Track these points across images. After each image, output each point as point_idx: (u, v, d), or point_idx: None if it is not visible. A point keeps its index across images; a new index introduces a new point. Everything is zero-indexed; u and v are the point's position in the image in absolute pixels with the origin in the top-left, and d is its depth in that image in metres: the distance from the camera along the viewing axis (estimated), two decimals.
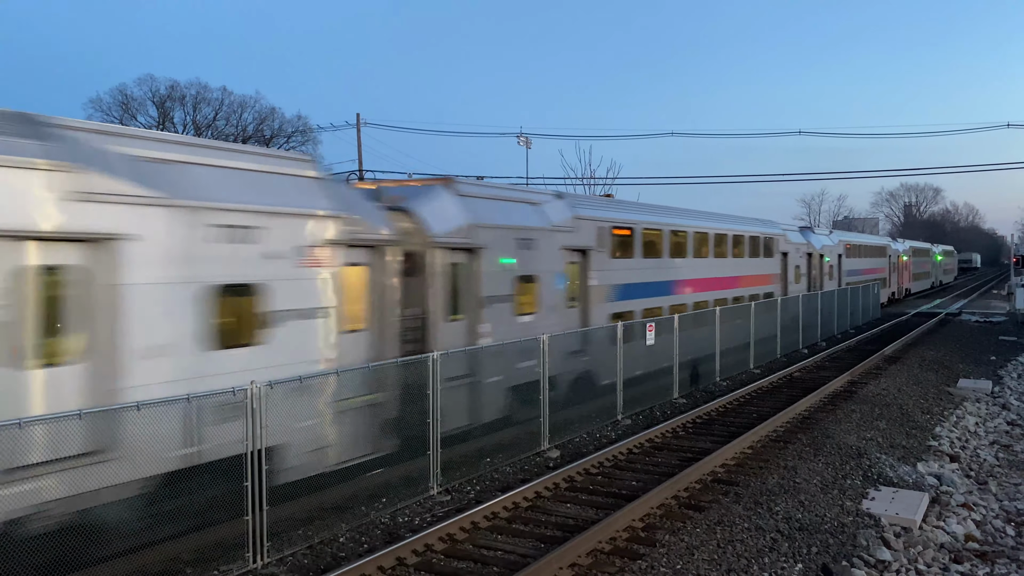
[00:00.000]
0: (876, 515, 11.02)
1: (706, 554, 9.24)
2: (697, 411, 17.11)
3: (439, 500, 11.47)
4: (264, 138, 70.72)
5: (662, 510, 10.80)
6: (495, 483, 12.35)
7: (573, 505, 11.20)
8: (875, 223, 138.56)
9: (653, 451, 14.22)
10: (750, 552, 9.40)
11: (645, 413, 17.63)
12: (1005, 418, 19.22)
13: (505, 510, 10.71)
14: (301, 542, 9.67)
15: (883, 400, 18.78)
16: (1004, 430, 18.20)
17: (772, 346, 26.47)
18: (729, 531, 9.93)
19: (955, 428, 17.34)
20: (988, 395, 21.45)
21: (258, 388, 9.22)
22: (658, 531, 9.98)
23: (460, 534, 9.84)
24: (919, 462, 14.18)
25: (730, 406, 18.27)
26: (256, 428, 9.15)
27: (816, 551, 9.62)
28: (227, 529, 9.30)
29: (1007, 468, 15.08)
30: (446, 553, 9.39)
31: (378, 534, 10.13)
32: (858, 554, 9.76)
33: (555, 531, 10.10)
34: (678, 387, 19.48)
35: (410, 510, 11.04)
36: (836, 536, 10.17)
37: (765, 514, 10.60)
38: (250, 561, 9.01)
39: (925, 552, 10.26)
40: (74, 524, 8.13)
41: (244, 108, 70.64)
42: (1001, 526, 11.79)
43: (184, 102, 69.94)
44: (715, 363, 21.92)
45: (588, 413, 16.53)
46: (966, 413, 18.96)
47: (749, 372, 23.70)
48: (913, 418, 17.47)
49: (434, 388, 11.78)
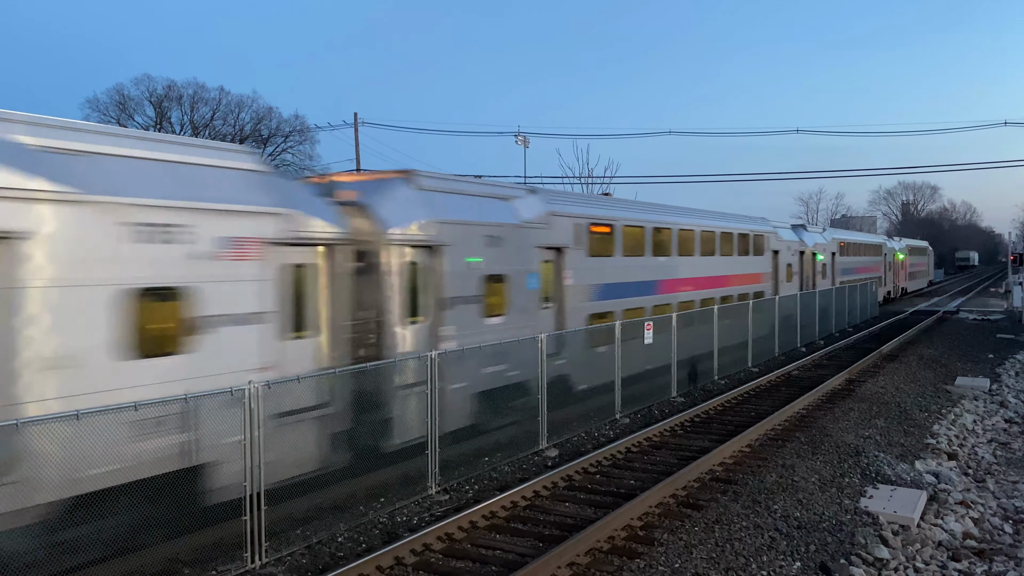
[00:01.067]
0: (874, 513, 11.03)
1: (704, 553, 9.24)
2: (695, 409, 17.11)
3: (438, 499, 11.46)
4: (261, 138, 70.69)
5: (660, 509, 10.80)
6: (494, 482, 12.35)
7: (572, 504, 11.19)
8: (873, 221, 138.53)
9: (651, 450, 14.23)
10: (748, 550, 9.40)
11: (643, 412, 17.63)
12: (1003, 416, 19.24)
13: (504, 509, 10.71)
14: (299, 542, 9.66)
15: (881, 398, 18.79)
16: (1002, 428, 18.22)
17: (770, 344, 26.47)
18: (728, 530, 9.94)
19: (953, 426, 17.35)
20: (986, 393, 21.47)
21: (256, 387, 9.22)
22: (656, 530, 9.97)
23: (459, 533, 9.84)
24: (917, 460, 14.19)
25: (728, 404, 18.28)
26: (254, 429, 9.15)
27: (814, 549, 9.63)
28: (225, 529, 9.29)
29: (1005, 466, 15.10)
30: (445, 553, 9.38)
31: (376, 534, 10.12)
32: (856, 552, 9.76)
33: (554, 530, 10.09)
34: (676, 385, 19.49)
35: (408, 510, 11.03)
36: (834, 534, 10.18)
37: (763, 512, 10.61)
38: (248, 561, 9.00)
39: (923, 550, 10.27)
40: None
41: (241, 108, 70.53)
42: (999, 524, 11.80)
43: (181, 102, 69.83)
44: (713, 361, 21.93)
45: (586, 412, 16.52)
46: (964, 411, 18.97)
47: (747, 370, 23.70)
48: (911, 416, 17.49)
49: (431, 387, 11.77)
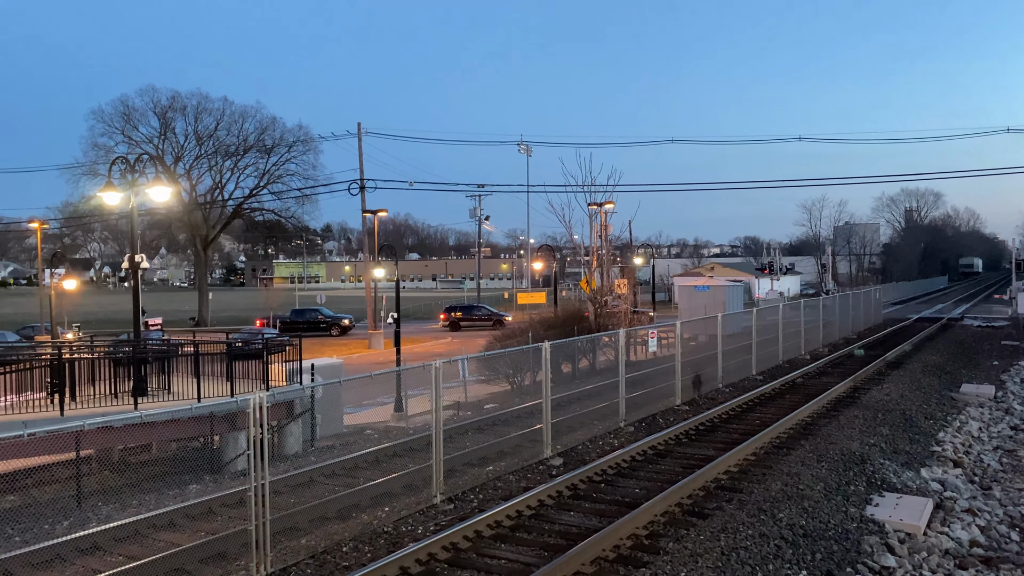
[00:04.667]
0: (880, 521, 10.99)
1: (710, 561, 9.21)
2: (700, 417, 17.08)
3: (442, 508, 11.44)
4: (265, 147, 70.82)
5: (666, 517, 10.77)
6: (498, 491, 12.33)
7: (576, 513, 11.17)
8: (876, 228, 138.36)
9: (656, 458, 14.19)
10: (754, 559, 9.37)
11: (648, 420, 17.60)
12: (1008, 423, 19.17)
13: (508, 518, 10.68)
14: (304, 552, 9.65)
15: (886, 405, 18.74)
16: (1008, 435, 18.15)
17: (773, 349, 26.44)
18: (733, 538, 9.90)
19: (958, 433, 17.29)
20: (991, 400, 21.39)
21: (261, 397, 9.24)
22: (662, 539, 9.95)
23: (463, 543, 9.81)
24: (923, 467, 14.14)
25: (733, 412, 18.24)
26: (259, 439, 9.16)
27: (820, 558, 9.60)
28: (231, 540, 9.29)
29: (1011, 473, 15.03)
30: (449, 562, 9.36)
31: (381, 543, 10.11)
32: (862, 560, 9.73)
33: (559, 539, 10.07)
34: (681, 393, 19.46)
35: (413, 519, 11.01)
36: (840, 542, 10.14)
37: (769, 521, 10.57)
38: (254, 571, 8.99)
39: (930, 558, 10.23)
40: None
41: (245, 118, 70.85)
42: (1006, 531, 11.74)
43: (185, 112, 70.16)
44: (717, 368, 21.90)
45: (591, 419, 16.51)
46: (969, 418, 18.91)
47: (751, 378, 23.66)
48: (916, 423, 17.43)
49: (436, 396, 11.78)
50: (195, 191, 70.96)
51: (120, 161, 20.66)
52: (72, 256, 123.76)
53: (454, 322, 59.45)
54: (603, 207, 30.97)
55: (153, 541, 11.03)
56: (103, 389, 16.51)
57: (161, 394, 17.05)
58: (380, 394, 24.79)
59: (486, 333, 39.92)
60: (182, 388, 16.90)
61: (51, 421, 13.22)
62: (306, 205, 72.62)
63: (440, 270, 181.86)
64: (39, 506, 13.08)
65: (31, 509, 12.83)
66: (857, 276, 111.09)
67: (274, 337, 26.66)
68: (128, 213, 21.22)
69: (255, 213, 77.56)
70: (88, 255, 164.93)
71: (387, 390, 24.14)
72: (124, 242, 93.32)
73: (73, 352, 19.26)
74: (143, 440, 16.17)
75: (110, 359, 17.70)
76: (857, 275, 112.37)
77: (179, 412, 12.31)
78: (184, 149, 70.63)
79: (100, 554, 10.58)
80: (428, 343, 47.40)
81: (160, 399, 16.73)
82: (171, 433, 16.03)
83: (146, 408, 15.13)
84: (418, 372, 13.86)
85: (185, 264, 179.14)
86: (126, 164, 20.29)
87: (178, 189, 63.87)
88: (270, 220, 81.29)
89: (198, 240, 70.92)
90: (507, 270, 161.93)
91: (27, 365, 16.72)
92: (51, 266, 48.43)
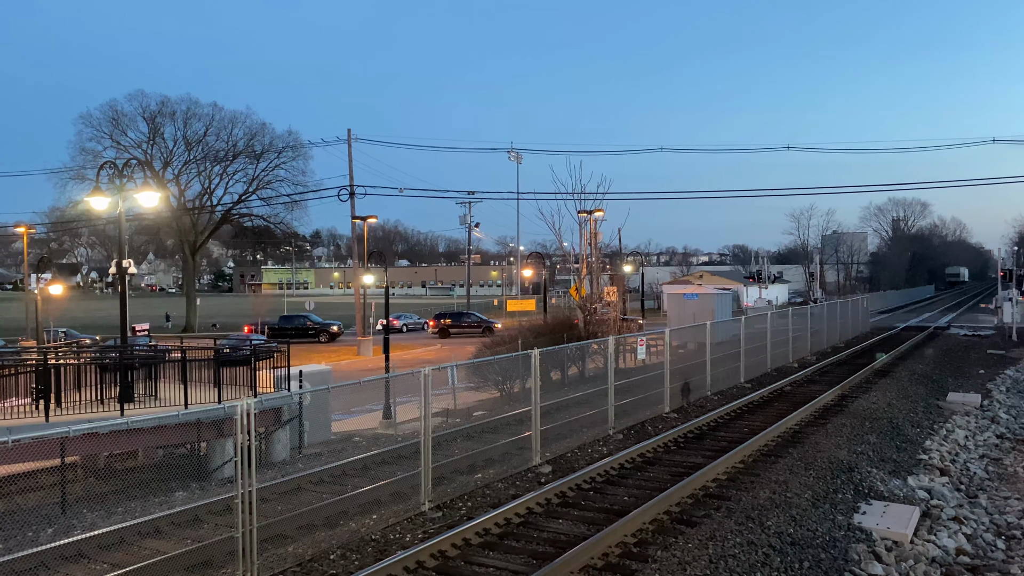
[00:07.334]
0: (867, 529, 11.02)
1: (698, 569, 9.21)
2: (688, 425, 17.10)
3: (431, 516, 11.40)
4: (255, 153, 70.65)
5: (654, 525, 10.77)
6: (487, 499, 12.29)
7: (565, 521, 11.15)
8: (864, 237, 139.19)
9: (645, 466, 14.20)
10: (742, 567, 9.38)
11: (637, 427, 17.61)
12: (994, 431, 19.29)
13: (497, 526, 10.65)
14: (291, 560, 9.59)
15: (873, 414, 18.82)
16: (994, 443, 18.26)
17: (762, 357, 26.52)
18: (721, 546, 9.91)
19: (945, 442, 17.38)
20: (977, 408, 21.52)
21: (248, 403, 9.19)
22: (650, 546, 9.94)
23: (452, 551, 9.78)
24: (910, 476, 14.20)
25: (721, 420, 18.27)
26: (247, 446, 9.10)
27: (808, 566, 9.61)
28: (217, 548, 9.22)
29: (997, 481, 15.12)
30: (438, 570, 9.32)
31: (369, 551, 10.05)
32: (850, 568, 9.75)
33: (547, 547, 10.04)
34: (669, 401, 19.48)
35: (401, 526, 10.97)
36: (828, 551, 10.16)
37: (757, 529, 10.58)
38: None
39: (916, 566, 10.26)
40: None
41: (235, 123, 70.66)
42: (992, 540, 11.81)
43: (175, 117, 69.94)
44: (706, 376, 21.95)
45: (580, 426, 16.50)
46: (956, 427, 19.02)
47: (740, 386, 23.72)
48: (903, 432, 17.51)
49: (425, 403, 11.75)
50: (184, 196, 70.73)
51: (108, 166, 20.58)
52: (59, 261, 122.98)
53: (444, 329, 59.39)
54: (593, 215, 31.02)
55: (138, 548, 10.94)
56: (89, 395, 16.38)
57: (148, 400, 16.93)
58: (369, 401, 24.70)
59: (476, 340, 39.87)
60: (169, 394, 16.78)
61: (36, 427, 13.12)
62: (295, 211, 72.50)
63: (430, 277, 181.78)
64: (23, 513, 12.95)
65: (15, 516, 12.70)
66: (845, 285, 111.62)
67: (262, 343, 26.52)
68: (116, 218, 21.13)
69: (244, 219, 77.26)
70: (75, 260, 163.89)
71: (376, 397, 24.05)
72: (112, 247, 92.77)
73: (59, 357, 19.09)
74: (129, 447, 16.04)
75: (96, 365, 17.57)
76: (845, 284, 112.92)
77: (166, 418, 12.23)
78: (173, 154, 70.42)
79: (84, 562, 10.48)
80: (418, 350, 47.32)
81: (147, 405, 16.61)
82: (158, 440, 15.90)
83: (133, 414, 15.02)
84: (407, 379, 13.83)
85: (173, 269, 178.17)
86: (114, 169, 20.21)
87: (166, 194, 63.65)
88: (259, 226, 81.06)
89: (186, 246, 70.63)
90: (497, 277, 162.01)
91: (12, 370, 16.57)
92: (38, 271, 48.09)
